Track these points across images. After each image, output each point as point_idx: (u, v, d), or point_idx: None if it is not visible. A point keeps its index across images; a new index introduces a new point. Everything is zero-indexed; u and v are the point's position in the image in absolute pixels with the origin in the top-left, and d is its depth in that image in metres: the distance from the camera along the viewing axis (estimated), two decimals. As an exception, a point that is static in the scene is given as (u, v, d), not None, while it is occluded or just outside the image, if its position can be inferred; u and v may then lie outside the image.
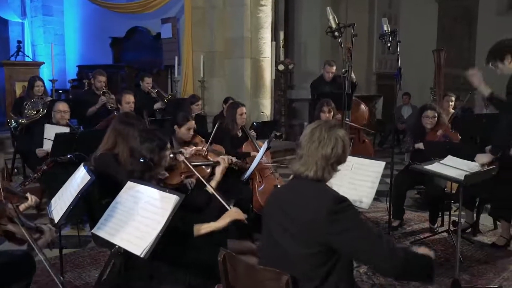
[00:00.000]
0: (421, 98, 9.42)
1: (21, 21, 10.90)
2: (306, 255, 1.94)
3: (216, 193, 3.04)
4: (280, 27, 9.48)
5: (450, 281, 3.43)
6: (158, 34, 9.11)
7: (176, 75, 8.11)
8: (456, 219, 3.88)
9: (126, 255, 2.36)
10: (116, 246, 2.35)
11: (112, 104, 5.87)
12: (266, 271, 1.95)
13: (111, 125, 3.54)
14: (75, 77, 9.94)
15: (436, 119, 4.82)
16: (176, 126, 4.16)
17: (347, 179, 2.99)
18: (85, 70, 9.07)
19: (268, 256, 2.09)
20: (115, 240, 2.36)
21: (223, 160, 3.37)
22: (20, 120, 5.64)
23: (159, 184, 3.07)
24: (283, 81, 9.28)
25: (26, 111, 5.74)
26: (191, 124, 4.19)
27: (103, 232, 2.45)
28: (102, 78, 6.11)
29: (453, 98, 6.15)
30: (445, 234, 4.48)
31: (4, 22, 10.79)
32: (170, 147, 3.06)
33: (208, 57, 7.88)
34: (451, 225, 4.44)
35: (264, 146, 3.92)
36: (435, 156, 3.79)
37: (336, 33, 5.06)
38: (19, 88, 7.32)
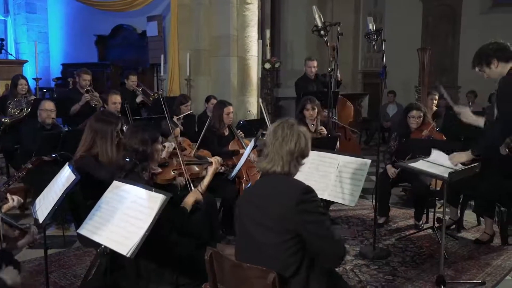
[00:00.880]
0: (406, 96, 9.52)
1: (3, 18, 10.73)
2: (280, 244, 2.04)
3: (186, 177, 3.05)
4: (266, 25, 9.48)
5: (435, 277, 3.47)
6: (144, 32, 9.05)
7: (162, 73, 8.06)
8: (441, 215, 3.93)
9: (112, 255, 2.35)
10: (102, 246, 2.33)
11: (96, 102, 5.82)
12: (252, 269, 1.96)
13: (88, 124, 3.48)
14: (60, 75, 9.84)
15: (422, 119, 4.85)
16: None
17: (333, 177, 3.01)
18: (69, 69, 8.98)
19: (244, 250, 2.16)
20: (101, 240, 2.35)
21: (216, 161, 3.37)
22: (4, 120, 5.56)
23: (151, 178, 3.06)
24: (270, 79, 9.29)
25: (10, 110, 5.66)
26: (176, 132, 4.18)
27: (88, 232, 2.43)
28: (87, 77, 6.06)
29: (436, 97, 6.23)
30: (430, 231, 4.53)
31: (-14, 20, 10.63)
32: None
33: (194, 55, 7.85)
34: (435, 222, 4.49)
35: (251, 144, 3.92)
36: (419, 154, 3.83)
37: (322, 32, 5.10)
38: (2, 87, 7.22)
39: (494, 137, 3.41)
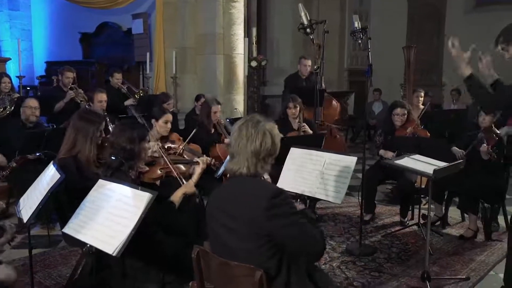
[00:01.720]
0: (391, 94, 9.59)
1: (-15, 15, 10.57)
2: (254, 249, 1.97)
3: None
4: (252, 23, 9.46)
5: (420, 272, 3.51)
6: (129, 29, 8.98)
7: (147, 71, 8.01)
8: (426, 212, 3.97)
9: (98, 254, 2.33)
10: (88, 245, 2.31)
11: (82, 99, 5.76)
12: (240, 267, 1.96)
13: (71, 122, 3.44)
14: (44, 73, 9.71)
15: (406, 116, 4.90)
16: (154, 120, 4.12)
17: (320, 174, 3.02)
18: (53, 67, 8.86)
19: (218, 255, 2.07)
20: (86, 239, 2.33)
21: (203, 161, 3.35)
22: (-14, 118, 5.48)
23: (138, 177, 3.05)
24: (256, 77, 9.28)
25: (-7, 108, 5.59)
26: (168, 117, 4.16)
27: (74, 231, 2.41)
28: (70, 74, 5.99)
29: (422, 94, 6.27)
30: (415, 227, 4.58)
31: (-32, 17, 10.45)
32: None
33: (180, 53, 7.81)
34: (421, 219, 4.55)
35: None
36: (405, 151, 3.86)
37: (308, 30, 5.11)
38: (-16, 85, 7.09)
39: (486, 96, 3.03)
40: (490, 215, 4.39)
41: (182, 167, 3.86)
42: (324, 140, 4.62)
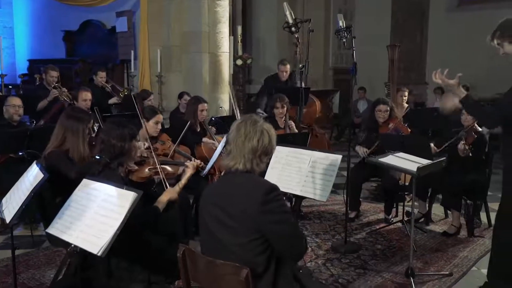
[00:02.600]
0: (375, 92, 9.66)
1: (-34, 12, 10.40)
2: (245, 244, 2.01)
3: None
4: (237, 21, 9.46)
5: (404, 269, 3.55)
6: (113, 27, 8.91)
7: (132, 69, 7.96)
8: (410, 209, 4.01)
9: (83, 254, 2.32)
10: (72, 245, 2.29)
11: (66, 97, 5.70)
12: (225, 266, 1.96)
13: (59, 121, 3.45)
14: (26, 71, 9.59)
15: (389, 113, 4.96)
16: (145, 120, 4.08)
17: (306, 172, 3.04)
18: (36, 65, 8.76)
19: (209, 249, 2.13)
20: (70, 239, 2.31)
21: (193, 165, 3.34)
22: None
23: (127, 175, 3.04)
24: (242, 75, 9.28)
25: (-26, 107, 5.48)
26: (159, 118, 4.14)
27: (58, 231, 2.39)
28: (54, 73, 5.92)
29: (406, 93, 6.32)
30: (400, 224, 4.63)
31: None
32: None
33: (165, 52, 7.77)
34: (405, 216, 4.59)
35: (223, 141, 3.91)
36: (389, 149, 3.89)
37: (293, 29, 5.13)
38: (-35, 84, 6.99)
39: (484, 113, 3.12)
40: (472, 212, 4.45)
41: (170, 169, 3.85)
42: (309, 138, 4.64)
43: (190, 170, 3.24)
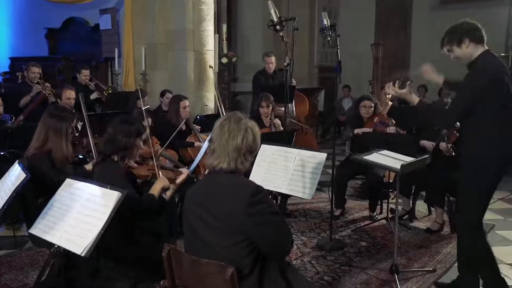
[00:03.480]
0: (360, 90, 9.72)
1: None
2: (231, 246, 1.98)
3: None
4: (222, 19, 9.43)
5: (388, 265, 3.58)
6: (97, 25, 8.81)
7: (116, 67, 7.88)
8: (394, 206, 4.05)
9: (66, 254, 2.29)
10: (55, 246, 2.27)
11: (49, 92, 5.62)
12: (210, 265, 1.96)
13: (41, 119, 3.40)
14: (7, 69, 9.44)
15: (373, 109, 5.02)
16: None
17: (291, 171, 3.05)
18: (18, 63, 8.62)
19: (194, 249, 2.09)
20: (54, 240, 2.29)
21: (186, 172, 3.33)
22: None
23: (128, 170, 3.03)
24: (227, 74, 9.26)
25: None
26: (147, 122, 4.11)
27: (41, 232, 2.36)
28: (36, 70, 5.85)
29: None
30: (384, 221, 4.67)
31: None
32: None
33: (150, 50, 7.71)
34: (389, 213, 4.64)
35: (208, 139, 3.90)
36: (374, 147, 3.93)
37: (278, 27, 5.12)
38: None
39: (440, 114, 3.24)
40: (455, 209, 4.51)
41: (168, 174, 3.83)
42: (295, 136, 4.66)
43: (184, 176, 3.23)
